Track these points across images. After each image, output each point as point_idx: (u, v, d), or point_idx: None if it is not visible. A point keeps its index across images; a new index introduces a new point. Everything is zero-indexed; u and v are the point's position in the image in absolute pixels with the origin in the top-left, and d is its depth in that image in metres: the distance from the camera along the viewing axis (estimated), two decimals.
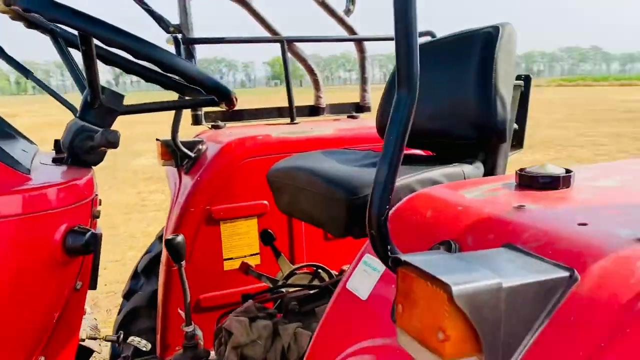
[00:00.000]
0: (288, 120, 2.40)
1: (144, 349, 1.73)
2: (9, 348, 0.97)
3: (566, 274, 0.61)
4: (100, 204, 1.17)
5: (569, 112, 18.75)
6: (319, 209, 1.34)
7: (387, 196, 0.71)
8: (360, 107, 2.66)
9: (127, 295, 2.19)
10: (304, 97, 2.85)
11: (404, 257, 0.63)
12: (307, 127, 2.19)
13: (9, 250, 0.91)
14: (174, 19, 2.28)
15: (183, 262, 1.38)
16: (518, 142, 1.71)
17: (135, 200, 7.62)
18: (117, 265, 4.71)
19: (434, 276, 0.56)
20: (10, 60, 1.37)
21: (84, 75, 1.24)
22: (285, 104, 2.38)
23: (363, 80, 2.64)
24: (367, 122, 2.39)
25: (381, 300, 0.86)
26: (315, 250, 2.09)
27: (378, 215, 0.71)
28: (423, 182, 1.26)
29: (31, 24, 1.29)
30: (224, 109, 1.30)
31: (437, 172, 1.30)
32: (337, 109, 2.63)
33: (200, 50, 2.23)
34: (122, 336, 1.48)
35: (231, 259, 1.97)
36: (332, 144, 1.99)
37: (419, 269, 0.59)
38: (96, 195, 1.12)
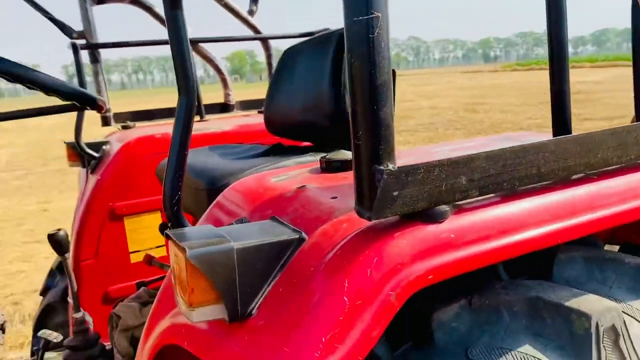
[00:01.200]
0: (197, 118, 2.53)
1: (55, 340, 1.84)
2: None
3: (296, 235, 0.76)
4: None
5: (521, 95, 19.31)
6: (190, 200, 1.48)
7: (177, 183, 0.85)
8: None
9: (44, 292, 2.29)
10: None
11: (167, 232, 0.78)
12: (213, 124, 2.32)
13: None
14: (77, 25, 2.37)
15: (67, 255, 1.50)
16: None
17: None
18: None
19: (178, 243, 0.71)
20: None
21: None
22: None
23: (270, 76, 2.78)
24: None
25: None
26: None
27: (170, 199, 0.85)
28: (278, 170, 1.41)
29: None
30: (99, 112, 1.42)
31: (292, 161, 1.46)
32: (248, 105, 2.76)
33: (158, 49, 2.33)
34: (5, 324, 1.59)
35: (137, 251, 2.10)
36: (227, 139, 2.12)
37: (173, 240, 0.74)
38: None
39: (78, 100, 1.32)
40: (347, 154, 1.06)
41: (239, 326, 0.73)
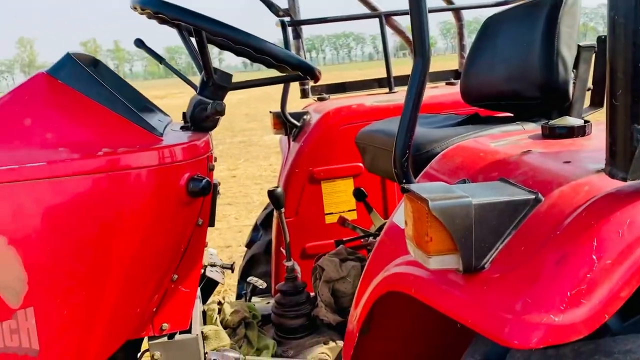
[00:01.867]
0: (387, 90, 2.61)
1: (261, 287, 2.09)
2: (151, 268, 1.34)
3: (531, 196, 0.78)
4: (215, 160, 1.49)
5: None
6: (389, 164, 1.56)
7: (407, 144, 0.92)
8: (458, 74, 2.77)
9: (249, 244, 2.58)
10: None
11: (406, 185, 0.85)
12: (401, 96, 2.38)
13: (147, 193, 1.27)
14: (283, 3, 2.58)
15: (282, 210, 1.68)
16: (598, 101, 1.76)
17: (267, 172, 8.24)
18: (249, 229, 5.29)
19: (420, 195, 0.78)
20: (148, 49, 1.75)
21: (198, 59, 1.57)
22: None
23: (461, 48, 2.75)
24: None
25: None
26: None
27: (400, 158, 0.93)
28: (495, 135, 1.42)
29: (162, 21, 1.65)
30: (312, 83, 1.57)
31: (497, 130, 1.45)
32: (436, 76, 2.77)
33: (328, 27, 2.50)
34: (234, 265, 1.83)
35: (331, 213, 2.26)
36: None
37: (413, 192, 0.81)
38: (211, 153, 1.44)
39: (302, 71, 1.46)
40: (573, 121, 1.04)
41: (472, 277, 0.78)
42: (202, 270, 1.79)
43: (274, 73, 1.61)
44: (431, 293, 0.85)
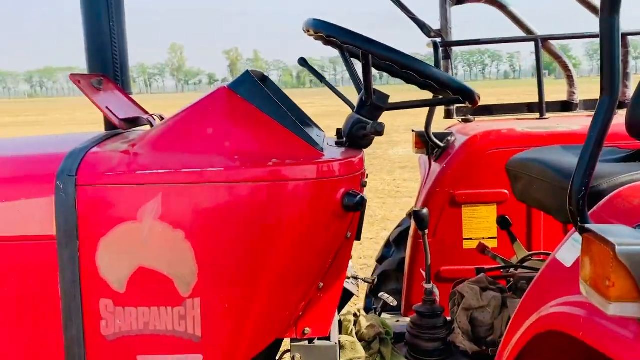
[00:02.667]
0: (537, 115, 2.50)
1: (392, 304, 2.11)
2: (301, 274, 1.42)
3: None
4: (367, 177, 1.55)
5: None
6: (548, 197, 1.50)
7: (585, 181, 0.89)
8: (620, 104, 2.58)
9: (380, 260, 2.61)
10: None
11: (587, 225, 0.82)
12: (553, 123, 2.27)
13: (306, 204, 1.35)
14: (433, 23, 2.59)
15: (426, 231, 1.69)
16: None
17: (390, 187, 8.26)
18: (371, 243, 5.32)
19: (604, 238, 0.75)
20: (310, 68, 1.85)
21: (361, 79, 1.63)
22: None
23: (625, 76, 2.56)
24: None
25: None
26: (554, 239, 2.18)
27: (576, 195, 0.90)
28: None
29: (327, 42, 1.74)
30: (469, 106, 1.56)
31: None
32: (592, 105, 2.61)
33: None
34: (376, 280, 1.87)
35: (470, 239, 2.22)
36: (575, 140, 2.05)
37: (596, 234, 0.78)
38: (365, 170, 1.49)
39: (462, 95, 1.46)
40: None
41: None
42: None
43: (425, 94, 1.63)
44: (605, 340, 0.81)
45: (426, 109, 2.27)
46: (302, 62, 1.85)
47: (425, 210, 1.67)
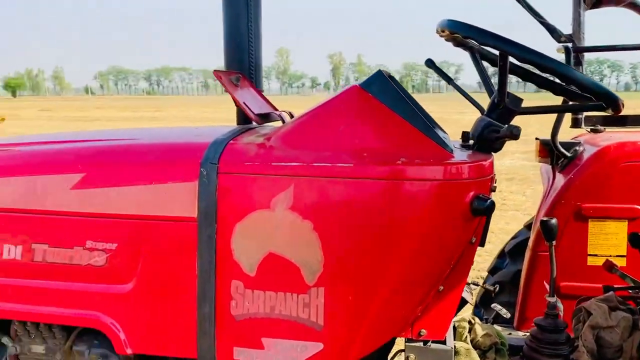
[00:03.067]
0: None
1: (505, 316, 2.04)
2: (423, 274, 1.42)
3: None
4: (495, 182, 1.51)
5: None
6: None
7: None
8: None
9: (492, 271, 2.54)
10: None
11: None
12: None
13: (434, 205, 1.34)
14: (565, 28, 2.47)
15: (554, 242, 1.61)
16: None
17: (496, 199, 7.92)
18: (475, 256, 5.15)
19: None
20: (438, 70, 1.84)
21: (488, 81, 1.60)
22: None
23: None
24: None
25: None
26: None
27: None
28: None
29: (458, 44, 1.73)
30: (609, 114, 1.48)
31: None
32: None
33: None
34: (497, 288, 1.82)
35: (595, 255, 2.09)
36: None
37: None
38: (494, 174, 1.46)
39: (606, 101, 1.39)
40: None
41: None
42: None
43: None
44: None
45: (550, 118, 2.18)
46: (430, 63, 1.84)
47: (554, 220, 1.60)
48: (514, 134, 1.37)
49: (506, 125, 1.40)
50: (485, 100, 1.60)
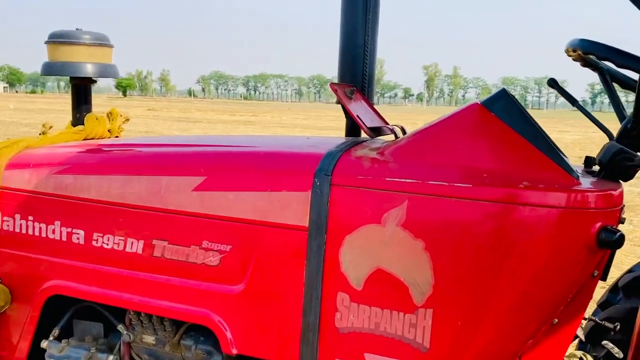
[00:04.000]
0: None
1: (617, 355, 1.89)
2: (536, 306, 1.34)
3: None
4: (624, 212, 1.41)
5: None
6: None
7: None
8: None
9: (603, 305, 2.36)
10: None
11: None
12: None
13: (556, 233, 1.27)
14: None
15: None
16: None
17: (628, 228, 7.36)
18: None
19: None
20: (561, 90, 1.75)
21: (620, 105, 1.50)
22: None
23: None
24: None
25: None
26: None
27: None
28: None
29: (586, 65, 1.64)
30: None
31: None
32: None
33: None
34: (618, 326, 1.69)
35: None
36: None
37: None
38: (624, 205, 1.37)
39: None
40: None
41: None
42: None
43: None
44: None
45: None
46: (552, 82, 1.76)
47: None
48: None
49: None
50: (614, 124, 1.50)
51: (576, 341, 2.57)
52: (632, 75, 1.61)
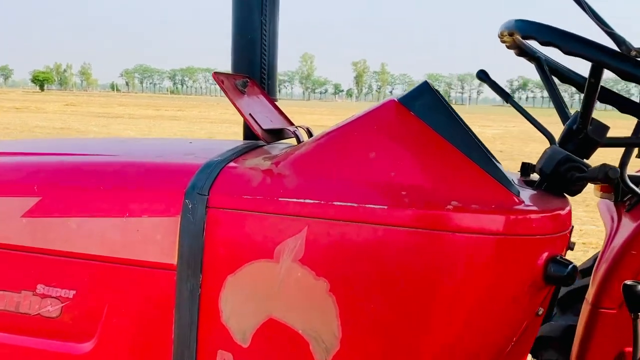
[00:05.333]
0: None
1: None
2: (474, 353, 1.06)
3: None
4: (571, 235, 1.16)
5: None
6: None
7: None
8: None
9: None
10: None
11: None
12: None
13: (493, 266, 0.99)
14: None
15: None
16: None
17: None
18: None
19: None
20: (492, 83, 1.50)
21: (562, 102, 1.25)
22: None
23: None
24: None
25: None
26: None
27: None
28: None
29: (521, 53, 1.38)
30: None
31: None
32: None
33: None
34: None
35: None
36: None
37: None
38: (572, 226, 1.11)
39: None
40: None
41: None
42: None
43: None
44: None
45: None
46: (482, 75, 1.50)
47: None
48: (610, 177, 1.01)
49: (600, 165, 1.04)
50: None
51: None
52: (575, 66, 1.38)
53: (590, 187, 1.45)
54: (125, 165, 1.20)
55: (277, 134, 1.39)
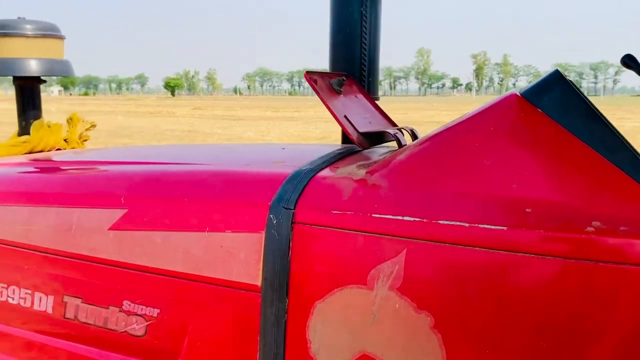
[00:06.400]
0: None
1: None
2: None
3: None
4: None
5: None
6: None
7: None
8: None
9: None
10: None
11: None
12: None
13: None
14: None
15: None
16: None
17: None
18: None
19: None
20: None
21: None
22: None
23: None
24: None
25: None
26: None
27: None
28: None
29: None
30: None
31: None
32: None
33: None
34: None
35: None
36: None
37: None
38: None
39: None
40: None
41: None
42: None
43: None
44: None
45: None
46: (629, 60, 1.22)
47: None
48: None
49: None
50: None
51: None
52: None
53: None
54: (211, 174, 1.11)
55: (375, 139, 1.23)
